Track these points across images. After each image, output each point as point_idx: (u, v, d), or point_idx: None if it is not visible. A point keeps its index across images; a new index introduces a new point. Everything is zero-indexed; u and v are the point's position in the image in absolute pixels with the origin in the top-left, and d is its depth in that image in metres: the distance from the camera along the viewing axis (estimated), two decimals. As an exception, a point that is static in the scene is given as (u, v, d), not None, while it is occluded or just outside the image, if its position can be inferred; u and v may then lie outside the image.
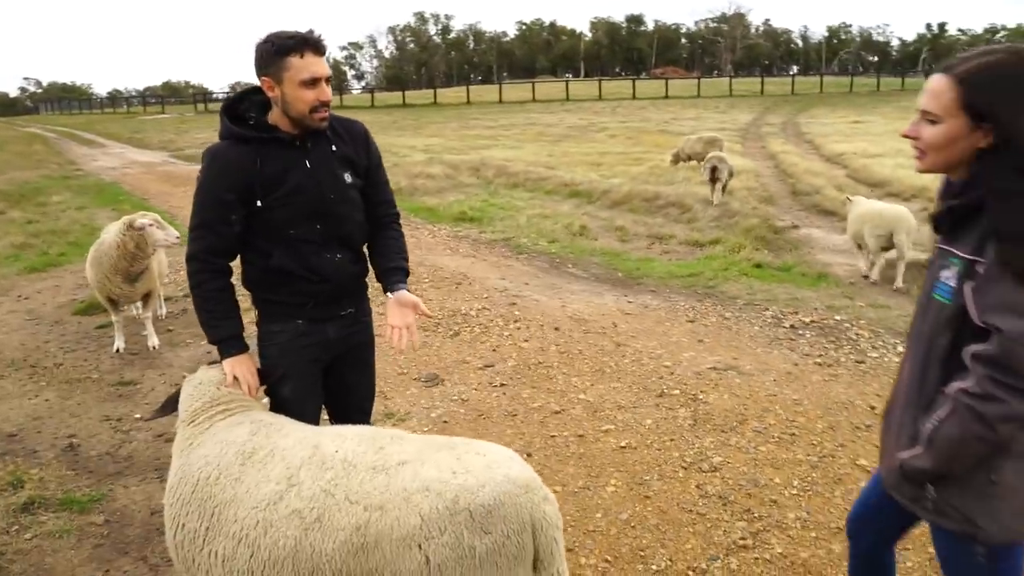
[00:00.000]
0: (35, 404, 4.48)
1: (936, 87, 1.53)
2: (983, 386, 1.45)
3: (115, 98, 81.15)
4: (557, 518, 1.84)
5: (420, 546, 1.68)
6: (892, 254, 6.77)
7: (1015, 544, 1.63)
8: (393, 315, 2.29)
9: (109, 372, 5.00)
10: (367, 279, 2.52)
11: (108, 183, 15.44)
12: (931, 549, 2.80)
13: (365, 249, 2.50)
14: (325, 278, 2.31)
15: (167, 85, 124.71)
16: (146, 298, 5.47)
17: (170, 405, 2.39)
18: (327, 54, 2.19)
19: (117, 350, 5.37)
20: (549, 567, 1.82)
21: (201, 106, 53.44)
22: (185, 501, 1.99)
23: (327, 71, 2.15)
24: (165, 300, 6.39)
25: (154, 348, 5.43)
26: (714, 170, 10.33)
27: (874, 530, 2.00)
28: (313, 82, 2.11)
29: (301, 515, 1.75)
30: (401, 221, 2.58)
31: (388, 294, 2.35)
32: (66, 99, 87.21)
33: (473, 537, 1.69)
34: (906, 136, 1.62)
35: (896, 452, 1.68)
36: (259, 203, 2.20)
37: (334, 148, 2.30)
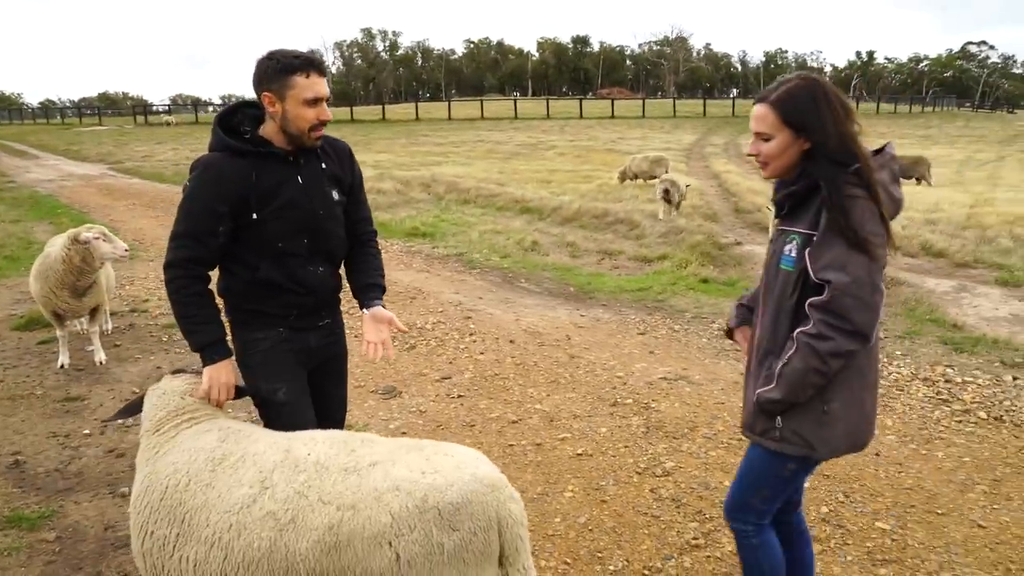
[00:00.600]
0: (-25, 422, 4.32)
1: (761, 113, 1.96)
2: (818, 328, 1.87)
3: (48, 108, 78.28)
4: (522, 516, 1.91)
5: (391, 543, 1.74)
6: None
7: (826, 459, 2.09)
8: (369, 330, 2.34)
9: (54, 388, 4.86)
10: (340, 293, 2.56)
11: (44, 195, 14.92)
12: (868, 544, 2.99)
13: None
14: (310, 290, 2.35)
15: (104, 96, 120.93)
16: (93, 312, 5.34)
17: (131, 409, 2.36)
18: (325, 72, 2.25)
19: (62, 366, 5.22)
20: (515, 563, 1.90)
21: (141, 118, 52.01)
22: (153, 508, 1.99)
23: (328, 91, 2.21)
24: (111, 315, 6.24)
25: (101, 363, 5.29)
26: (666, 192, 10.90)
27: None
28: (315, 101, 2.17)
29: (275, 516, 1.79)
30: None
31: (364, 310, 2.40)
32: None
33: (441, 534, 1.76)
34: (750, 155, 2.04)
35: (752, 395, 2.06)
36: (254, 216, 2.23)
37: (324, 166, 2.35)
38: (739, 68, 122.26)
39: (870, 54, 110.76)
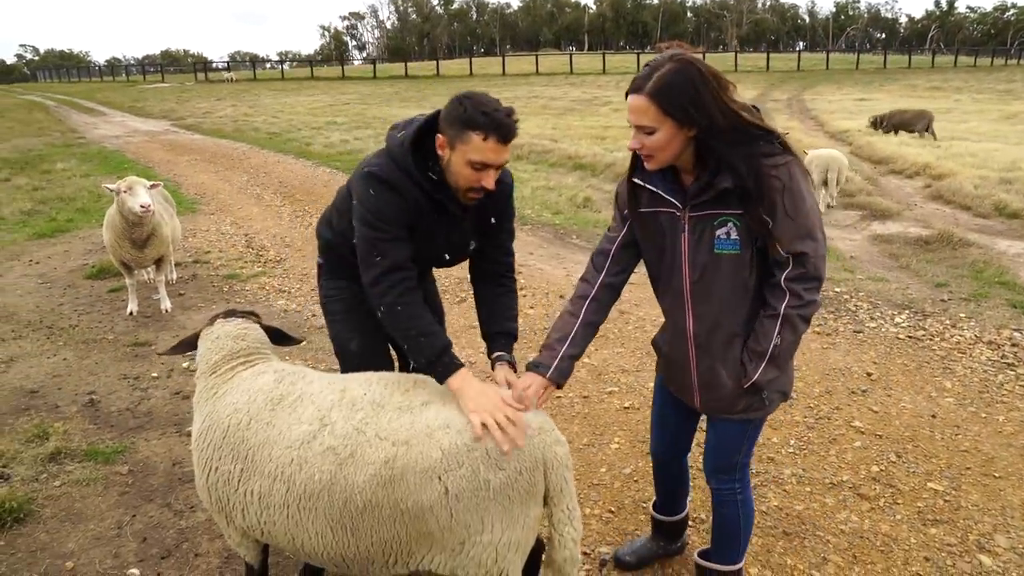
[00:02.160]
0: (54, 363, 4.60)
1: (638, 105, 1.80)
2: (804, 297, 1.88)
3: (114, 66, 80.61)
4: (567, 459, 1.97)
5: (440, 478, 1.81)
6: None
7: None
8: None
9: (124, 333, 5.12)
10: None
11: (112, 151, 15.46)
12: (919, 504, 2.95)
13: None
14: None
15: (166, 54, 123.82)
16: (158, 263, 5.56)
17: (186, 345, 2.44)
18: (511, 140, 2.04)
19: (130, 313, 5.48)
20: (559, 503, 1.96)
21: (201, 75, 53.03)
22: (217, 446, 2.09)
23: (503, 159, 2.04)
24: (176, 266, 6.49)
25: (166, 311, 5.54)
26: None
27: (675, 451, 2.49)
28: (482, 167, 2.03)
29: (335, 451, 1.88)
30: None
31: (493, 364, 2.29)
32: (64, 67, 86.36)
33: (488, 471, 1.83)
34: (632, 149, 1.90)
35: (727, 380, 2.02)
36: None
37: (478, 219, 2.28)
38: (807, 20, 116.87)
39: (950, 3, 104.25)
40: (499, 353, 2.27)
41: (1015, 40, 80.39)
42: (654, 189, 1.98)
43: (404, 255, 2.11)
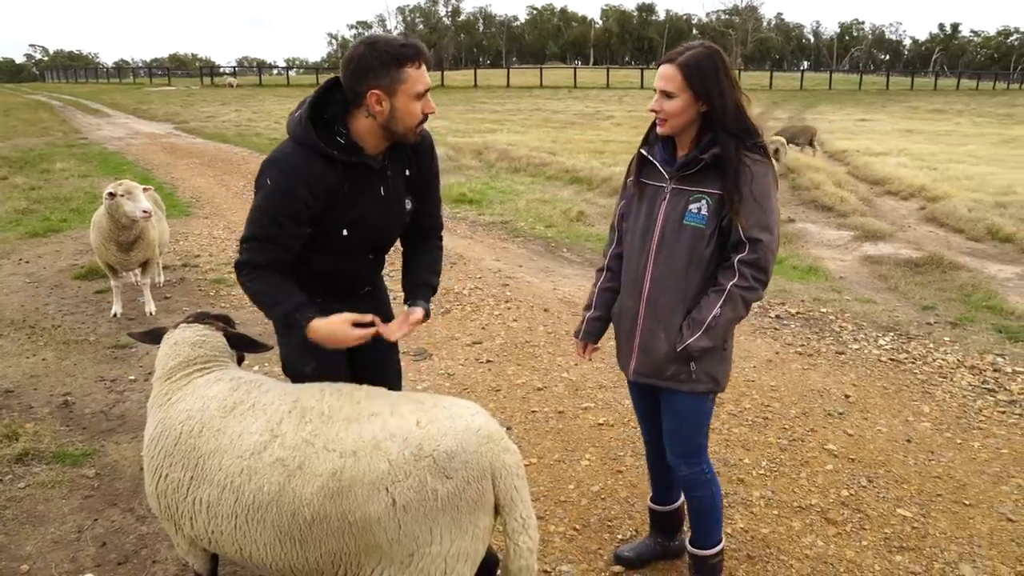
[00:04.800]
0: (32, 363, 4.59)
1: (667, 73, 2.11)
2: (749, 282, 2.12)
3: (121, 68, 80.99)
4: (518, 467, 1.96)
5: (387, 489, 1.81)
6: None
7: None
8: (396, 322, 2.20)
9: (106, 335, 5.11)
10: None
11: (112, 152, 15.50)
12: (887, 530, 2.93)
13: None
14: (354, 273, 2.32)
15: (174, 57, 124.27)
16: (144, 266, 5.56)
17: (151, 336, 2.43)
18: None
19: (114, 315, 5.47)
20: (511, 512, 1.94)
21: (207, 79, 53.30)
22: (168, 453, 2.08)
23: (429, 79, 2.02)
24: (164, 268, 6.49)
25: (151, 314, 5.53)
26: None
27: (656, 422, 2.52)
28: (425, 92, 1.98)
29: (284, 463, 1.87)
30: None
31: (405, 305, 2.26)
32: (72, 67, 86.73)
33: (435, 481, 1.82)
34: (652, 111, 2.18)
35: (663, 344, 2.22)
36: (344, 232, 2.10)
37: (408, 172, 2.20)
38: (811, 40, 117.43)
39: (954, 27, 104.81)
40: (413, 300, 2.26)
41: (1018, 65, 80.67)
42: (653, 160, 2.24)
43: (271, 258, 2.06)
